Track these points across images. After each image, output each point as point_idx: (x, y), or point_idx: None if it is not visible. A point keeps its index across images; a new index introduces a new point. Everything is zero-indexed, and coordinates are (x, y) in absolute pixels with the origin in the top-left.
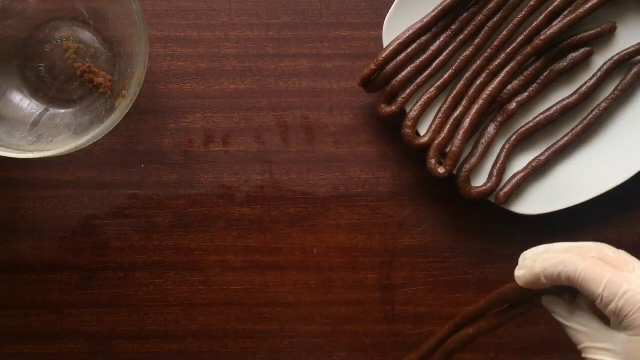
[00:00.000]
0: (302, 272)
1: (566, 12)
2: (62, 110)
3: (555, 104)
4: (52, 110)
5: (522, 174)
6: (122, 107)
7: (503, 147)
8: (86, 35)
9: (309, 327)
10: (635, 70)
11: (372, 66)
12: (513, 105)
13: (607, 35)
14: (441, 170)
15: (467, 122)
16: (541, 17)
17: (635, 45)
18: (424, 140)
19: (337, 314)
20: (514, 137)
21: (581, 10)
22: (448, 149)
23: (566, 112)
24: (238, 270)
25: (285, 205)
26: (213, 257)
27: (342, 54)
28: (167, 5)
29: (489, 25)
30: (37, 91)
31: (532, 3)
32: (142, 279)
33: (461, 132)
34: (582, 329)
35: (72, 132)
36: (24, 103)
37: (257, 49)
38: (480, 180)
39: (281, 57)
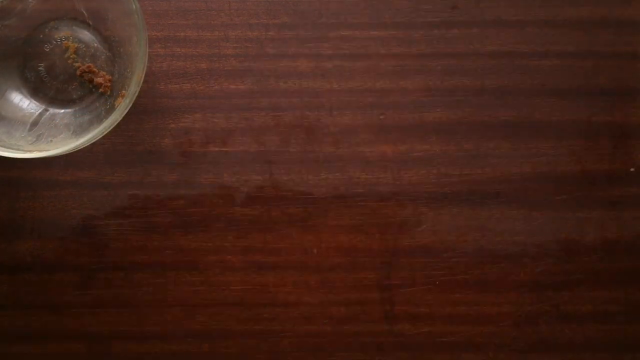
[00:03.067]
0: (302, 272)
1: None
2: (62, 110)
3: None
4: (52, 110)
5: None
6: (122, 107)
7: None
8: (85, 35)
9: (309, 327)
10: None
11: None
12: None
13: None
14: None
15: None
16: None
17: None
18: None
19: (337, 314)
20: None
21: None
22: None
23: None
24: (238, 270)
25: (285, 205)
26: (213, 257)
27: (342, 54)
28: (167, 5)
29: None
30: (36, 91)
31: None
32: (142, 279)
33: None
34: None
35: (71, 132)
36: (23, 103)
37: (257, 49)
38: None
39: (281, 57)
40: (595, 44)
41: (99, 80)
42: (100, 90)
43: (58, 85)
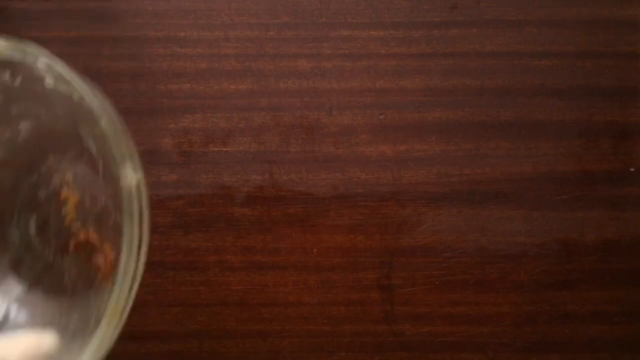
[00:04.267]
0: (301, 272)
1: None
2: (42, 300)
3: None
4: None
5: None
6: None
7: None
8: (93, 181)
9: (308, 327)
10: None
11: None
12: None
13: None
14: None
15: None
16: None
17: None
18: None
19: (337, 314)
20: None
21: None
22: None
23: None
24: (238, 270)
25: (285, 205)
26: (213, 257)
27: (342, 54)
28: (167, 5)
29: None
30: (18, 263)
31: None
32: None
33: None
34: None
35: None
36: None
37: (257, 49)
38: None
39: (281, 57)
40: (595, 44)
41: (99, 260)
42: (100, 276)
43: (47, 257)
